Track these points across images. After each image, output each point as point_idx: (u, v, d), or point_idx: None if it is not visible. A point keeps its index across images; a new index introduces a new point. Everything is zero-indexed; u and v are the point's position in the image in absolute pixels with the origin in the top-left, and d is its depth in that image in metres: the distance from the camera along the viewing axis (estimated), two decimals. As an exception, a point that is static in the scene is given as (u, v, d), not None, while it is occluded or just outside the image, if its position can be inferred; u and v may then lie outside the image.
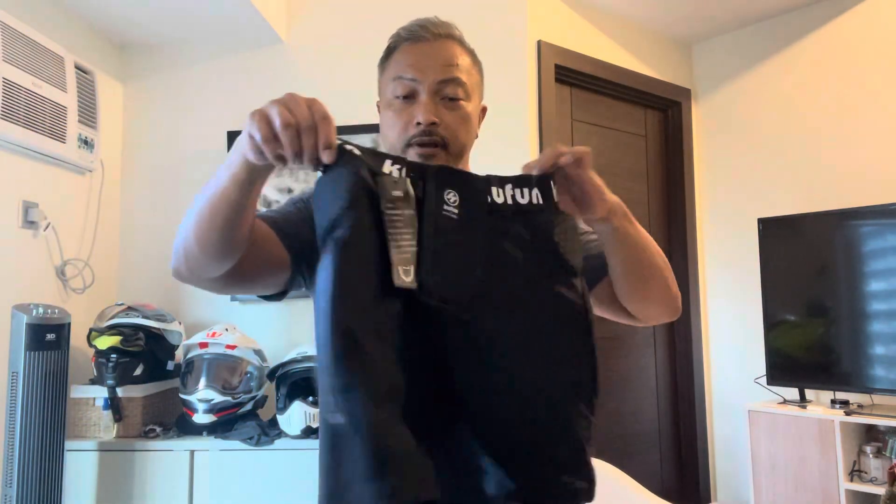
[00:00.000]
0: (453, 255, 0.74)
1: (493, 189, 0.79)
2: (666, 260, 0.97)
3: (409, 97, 0.99)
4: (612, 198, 0.86)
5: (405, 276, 0.70)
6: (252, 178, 0.77)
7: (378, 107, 1.08)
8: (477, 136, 1.06)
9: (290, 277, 0.92)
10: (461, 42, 1.03)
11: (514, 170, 0.84)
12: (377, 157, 0.75)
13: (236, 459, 2.03)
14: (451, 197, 0.75)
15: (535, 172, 0.81)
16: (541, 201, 0.80)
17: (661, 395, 3.10)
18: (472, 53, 1.05)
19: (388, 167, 0.75)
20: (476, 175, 0.81)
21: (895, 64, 2.69)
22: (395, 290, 0.70)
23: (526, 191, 0.79)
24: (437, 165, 0.80)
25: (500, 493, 0.73)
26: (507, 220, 0.78)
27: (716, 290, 3.20)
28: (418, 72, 0.98)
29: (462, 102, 1.00)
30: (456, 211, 0.75)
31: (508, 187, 0.79)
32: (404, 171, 0.75)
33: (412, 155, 0.98)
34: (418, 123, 0.97)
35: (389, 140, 1.02)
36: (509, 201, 0.79)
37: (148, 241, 2.63)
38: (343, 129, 2.47)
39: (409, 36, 1.01)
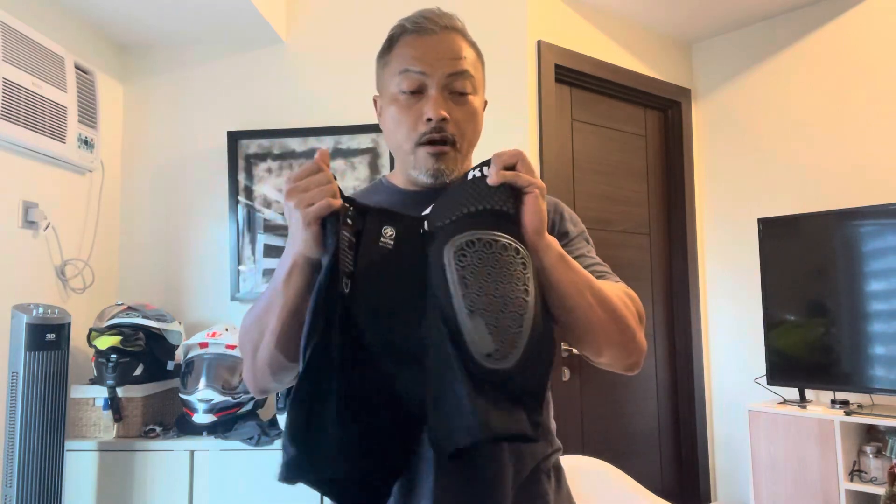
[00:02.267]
0: (382, 275, 0.83)
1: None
2: (619, 315, 0.88)
3: (417, 92, 0.95)
4: (549, 239, 0.85)
5: (345, 287, 0.81)
6: (309, 280, 0.84)
7: (375, 102, 1.03)
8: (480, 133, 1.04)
9: None
10: (464, 34, 1.00)
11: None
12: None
13: (236, 459, 2.03)
14: (388, 231, 0.85)
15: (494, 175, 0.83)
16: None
17: (661, 395, 3.10)
18: (474, 46, 1.02)
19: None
20: (414, 216, 0.88)
21: (895, 64, 2.69)
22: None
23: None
24: (378, 207, 0.86)
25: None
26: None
27: (716, 290, 3.20)
28: (427, 65, 0.94)
29: (470, 97, 0.97)
30: (392, 243, 0.85)
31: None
32: (351, 210, 0.84)
33: (422, 155, 0.95)
34: (428, 119, 0.93)
35: (396, 139, 0.98)
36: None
37: (148, 241, 2.63)
38: (342, 130, 2.49)
39: (414, 27, 0.97)
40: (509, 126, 2.52)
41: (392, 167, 1.74)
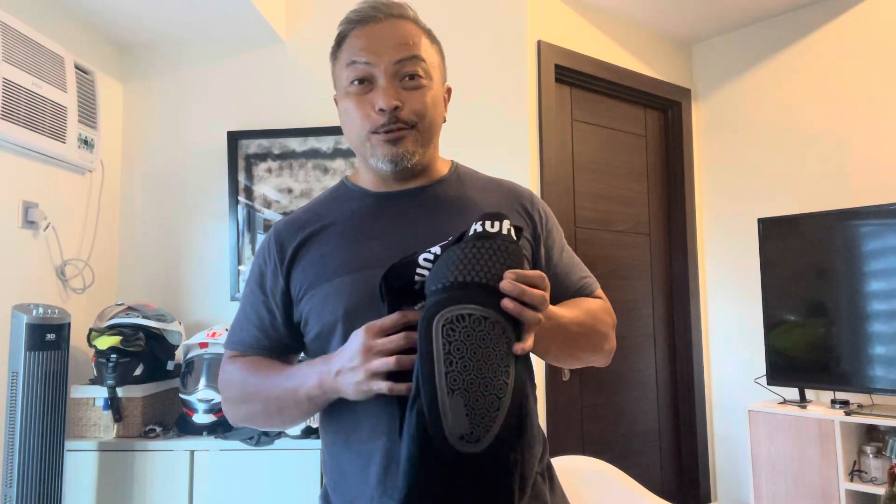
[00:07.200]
0: None
1: None
2: (597, 349, 1.01)
3: (366, 82, 0.93)
4: (549, 326, 0.84)
5: None
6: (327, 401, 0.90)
7: (336, 102, 1.01)
8: (445, 120, 1.01)
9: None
10: (416, 21, 0.98)
11: (511, 168, 0.84)
12: None
13: (236, 459, 2.03)
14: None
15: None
16: None
17: (661, 395, 3.10)
18: (428, 33, 0.99)
19: None
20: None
21: (895, 64, 2.69)
22: None
23: None
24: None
25: None
26: None
27: (716, 290, 3.20)
28: (372, 54, 0.92)
29: (424, 81, 0.94)
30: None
31: None
32: None
33: (377, 142, 0.93)
34: (381, 110, 0.91)
35: (352, 132, 0.96)
36: None
37: (148, 241, 2.63)
38: (340, 130, 2.48)
39: (359, 18, 0.95)
40: (509, 126, 2.52)
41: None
